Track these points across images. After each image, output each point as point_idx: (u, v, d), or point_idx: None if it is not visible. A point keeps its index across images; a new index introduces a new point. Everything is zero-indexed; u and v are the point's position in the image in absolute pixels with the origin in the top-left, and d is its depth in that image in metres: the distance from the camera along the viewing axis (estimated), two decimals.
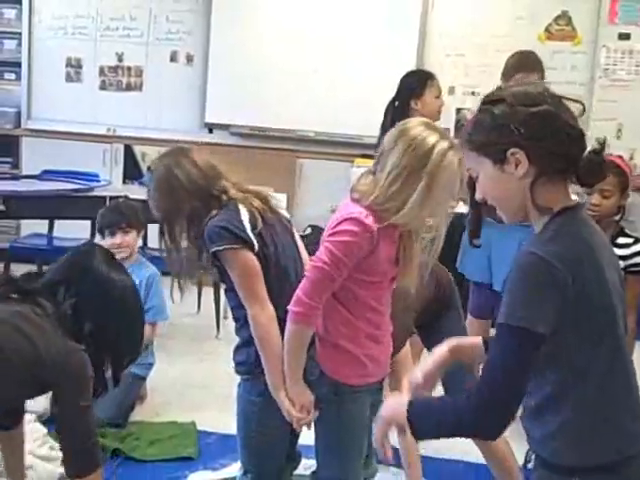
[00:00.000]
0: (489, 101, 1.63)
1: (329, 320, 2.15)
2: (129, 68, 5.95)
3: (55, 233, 5.21)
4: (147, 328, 3.80)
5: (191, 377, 4.13)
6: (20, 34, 5.97)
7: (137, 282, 3.76)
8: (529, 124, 1.55)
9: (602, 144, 1.59)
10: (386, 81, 4.41)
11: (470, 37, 5.53)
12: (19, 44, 6.01)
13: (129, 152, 5.99)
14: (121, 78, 5.97)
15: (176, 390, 3.93)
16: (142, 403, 3.84)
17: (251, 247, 2.17)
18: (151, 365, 3.88)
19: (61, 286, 2.16)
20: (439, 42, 5.54)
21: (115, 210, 3.88)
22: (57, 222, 5.17)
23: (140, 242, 4.16)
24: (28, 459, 2.86)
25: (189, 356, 4.44)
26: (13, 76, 6.11)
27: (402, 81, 3.98)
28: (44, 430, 3.23)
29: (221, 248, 2.16)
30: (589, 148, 1.58)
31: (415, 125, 2.05)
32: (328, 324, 2.16)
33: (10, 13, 6.06)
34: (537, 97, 1.59)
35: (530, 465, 1.69)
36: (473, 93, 5.43)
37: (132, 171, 5.93)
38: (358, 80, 5.49)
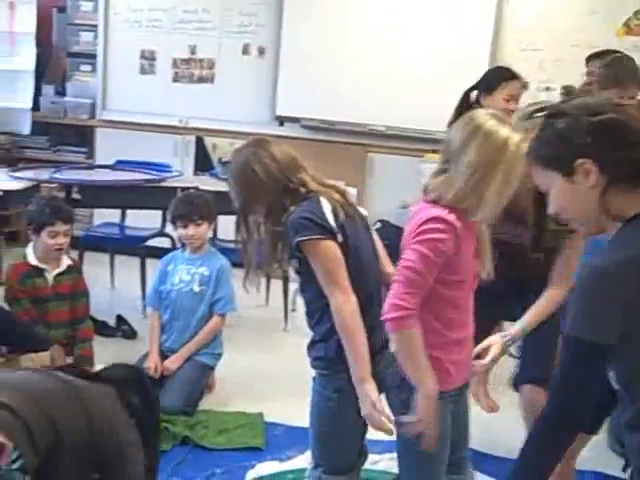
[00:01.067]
0: (551, 115, 1.64)
1: None
2: (201, 60, 6.01)
3: (126, 222, 5.31)
4: (216, 319, 3.88)
5: (259, 368, 4.17)
6: (96, 26, 6.08)
7: (207, 273, 3.87)
8: (594, 133, 1.56)
9: None
10: (458, 75, 4.38)
11: (545, 32, 5.43)
12: (95, 36, 6.12)
13: (200, 143, 6.05)
14: (193, 70, 6.03)
15: (244, 381, 3.97)
16: (211, 392, 3.90)
17: (335, 238, 2.18)
18: (220, 355, 3.92)
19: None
20: (513, 37, 5.46)
21: (187, 201, 3.93)
22: (129, 211, 5.26)
23: (210, 233, 4.21)
24: None
25: (257, 347, 4.48)
26: (89, 68, 6.22)
27: (484, 74, 3.88)
28: None
29: (306, 238, 2.17)
30: None
31: (485, 119, 2.01)
32: None
33: (87, 6, 6.17)
34: (599, 107, 1.60)
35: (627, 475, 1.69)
36: (548, 88, 5.33)
37: (203, 162, 5.99)
38: (429, 74, 5.44)
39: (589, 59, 4.23)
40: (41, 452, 1.85)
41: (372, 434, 2.36)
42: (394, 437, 2.20)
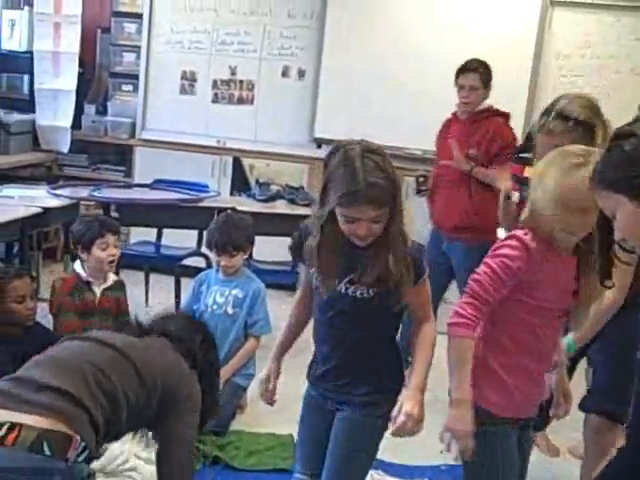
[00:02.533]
0: (618, 136, 1.59)
1: (485, 343, 2.14)
2: (241, 82, 6.06)
3: (162, 241, 5.33)
4: (252, 341, 3.88)
5: (290, 390, 4.12)
6: (139, 47, 6.16)
7: (241, 295, 3.86)
8: None
9: None
10: (496, 101, 4.36)
11: (587, 57, 5.39)
12: (138, 57, 6.20)
13: (237, 164, 6.08)
14: (233, 91, 6.08)
15: (276, 402, 3.94)
16: (242, 413, 3.88)
17: None
18: (252, 376, 3.91)
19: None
20: (555, 62, 5.42)
21: (224, 230, 3.86)
22: (165, 230, 5.29)
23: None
24: (131, 461, 2.92)
25: (289, 369, 4.41)
26: (130, 87, 6.30)
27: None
28: (149, 433, 3.29)
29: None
30: None
31: (570, 152, 2.01)
32: (483, 346, 2.14)
33: (131, 27, 6.26)
34: None
35: None
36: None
37: (240, 183, 6.01)
38: None
39: None
40: (101, 435, 1.97)
41: (402, 459, 2.34)
42: (430, 462, 2.18)
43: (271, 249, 4.76)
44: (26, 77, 6.24)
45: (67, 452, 1.83)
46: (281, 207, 5.12)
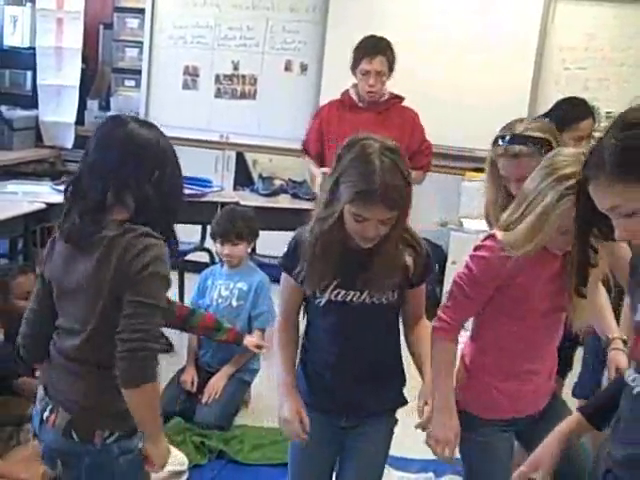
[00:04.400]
0: (633, 124, 1.43)
1: (467, 345, 2.16)
2: (244, 76, 6.05)
3: None
4: (257, 333, 3.87)
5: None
6: (142, 43, 6.15)
7: (245, 288, 3.87)
8: None
9: None
10: (499, 94, 4.35)
11: (590, 50, 5.38)
12: (140, 52, 6.20)
13: (241, 159, 6.08)
14: (236, 86, 6.07)
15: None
16: (247, 407, 3.89)
17: None
18: (256, 371, 3.92)
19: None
20: (558, 55, 5.41)
21: (228, 220, 3.89)
22: None
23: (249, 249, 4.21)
24: None
25: None
26: (133, 83, 6.30)
27: (555, 106, 3.58)
28: None
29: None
30: None
31: (561, 155, 1.95)
32: (467, 351, 2.16)
33: (133, 22, 6.26)
34: None
35: None
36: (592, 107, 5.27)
37: (243, 178, 6.01)
38: (470, 93, 5.41)
39: None
40: None
41: (406, 452, 2.34)
42: (428, 456, 2.18)
43: (274, 243, 4.73)
44: (29, 73, 6.24)
45: (93, 439, 1.95)
46: (284, 201, 5.11)
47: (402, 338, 2.27)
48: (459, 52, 5.45)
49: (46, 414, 1.99)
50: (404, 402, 2.27)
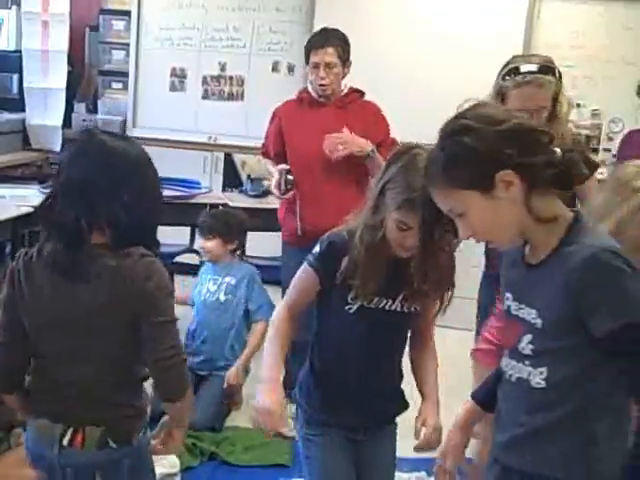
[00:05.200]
0: (453, 132, 1.57)
1: None
2: (231, 78, 6.04)
3: None
4: (261, 324, 3.77)
5: None
6: (128, 45, 6.14)
7: (233, 282, 3.87)
8: (507, 141, 1.51)
9: (578, 143, 1.58)
10: (486, 91, 4.32)
11: (577, 48, 5.40)
12: (127, 54, 6.18)
13: (229, 160, 6.08)
14: (223, 87, 6.07)
15: None
16: (238, 409, 3.88)
17: None
18: (247, 372, 3.92)
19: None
20: (544, 52, 5.40)
21: (208, 215, 4.01)
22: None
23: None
24: None
25: None
26: (120, 85, 6.28)
27: None
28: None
29: None
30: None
31: (629, 168, 1.93)
32: None
33: (119, 25, 6.24)
34: (501, 114, 1.57)
35: None
36: (579, 105, 5.30)
37: (232, 179, 6.00)
38: (456, 91, 5.40)
39: None
40: None
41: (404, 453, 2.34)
42: (421, 455, 2.18)
43: (263, 244, 4.76)
44: (15, 76, 6.19)
45: (132, 439, 1.99)
46: (273, 202, 5.09)
47: None
48: (445, 50, 5.46)
49: (67, 438, 1.96)
50: (407, 405, 2.26)
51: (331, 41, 3.61)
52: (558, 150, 1.55)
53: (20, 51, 6.11)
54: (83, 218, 1.90)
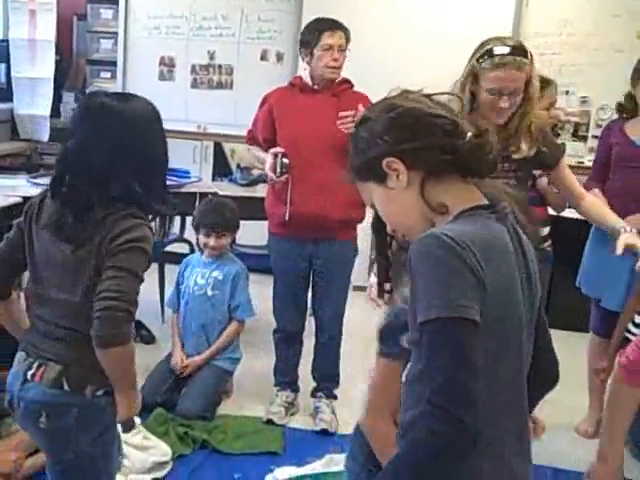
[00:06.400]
0: (356, 124, 1.56)
1: None
2: (220, 66, 6.03)
3: None
4: (235, 325, 3.89)
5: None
6: (116, 34, 6.11)
7: (221, 277, 3.87)
8: (391, 128, 1.46)
9: (481, 130, 1.47)
10: None
11: (565, 35, 5.41)
12: (115, 43, 6.15)
13: (219, 149, 6.07)
14: (212, 76, 6.05)
15: (262, 386, 3.96)
16: (229, 397, 3.90)
17: None
18: (238, 360, 3.93)
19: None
20: (533, 40, 5.42)
21: (216, 211, 3.89)
22: None
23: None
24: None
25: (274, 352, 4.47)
26: (109, 75, 6.26)
27: None
28: (137, 420, 3.30)
29: None
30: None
31: None
32: None
33: (107, 13, 6.21)
34: (397, 101, 1.51)
35: None
36: (567, 92, 5.31)
37: (221, 168, 6.00)
38: (444, 80, 5.40)
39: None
40: None
41: None
42: None
43: (253, 233, 4.76)
44: (3, 66, 6.17)
45: (84, 391, 1.99)
46: (262, 191, 5.08)
47: None
48: (433, 39, 5.46)
49: (31, 372, 2.01)
50: None
51: (342, 26, 3.67)
52: (469, 134, 1.46)
53: (7, 40, 6.08)
54: (92, 192, 1.95)
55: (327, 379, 3.78)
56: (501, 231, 1.44)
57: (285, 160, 3.54)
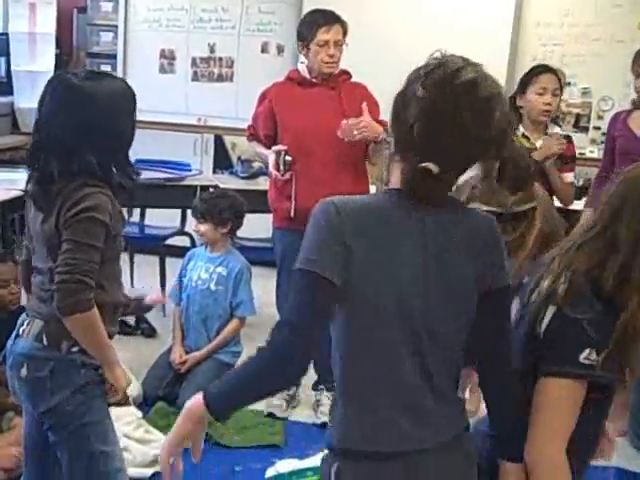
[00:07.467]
0: None
1: None
2: (221, 59, 6.02)
3: (146, 221, 5.30)
4: (235, 322, 3.88)
5: None
6: (116, 26, 6.10)
7: (225, 273, 3.86)
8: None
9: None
10: None
11: (566, 26, 5.39)
12: (115, 36, 6.15)
13: (219, 142, 6.06)
14: (213, 69, 6.04)
15: None
16: None
17: None
18: (238, 353, 3.92)
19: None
20: (535, 31, 5.42)
21: (203, 199, 3.98)
22: (148, 210, 5.26)
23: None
24: (123, 441, 2.93)
25: None
26: (109, 68, 6.23)
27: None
28: (139, 414, 3.32)
29: None
30: None
31: None
32: None
33: (107, 6, 6.20)
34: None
35: None
36: (569, 84, 5.29)
37: (222, 161, 5.99)
38: None
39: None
40: None
41: None
42: None
43: (254, 226, 4.75)
44: (3, 59, 6.17)
45: (60, 346, 2.14)
46: (263, 184, 5.09)
47: None
48: (435, 29, 5.43)
49: (22, 327, 2.21)
50: None
51: (338, 19, 3.62)
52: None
53: (7, 34, 6.08)
54: (54, 165, 2.10)
55: (328, 372, 3.77)
56: (398, 217, 1.52)
57: (288, 157, 3.53)
